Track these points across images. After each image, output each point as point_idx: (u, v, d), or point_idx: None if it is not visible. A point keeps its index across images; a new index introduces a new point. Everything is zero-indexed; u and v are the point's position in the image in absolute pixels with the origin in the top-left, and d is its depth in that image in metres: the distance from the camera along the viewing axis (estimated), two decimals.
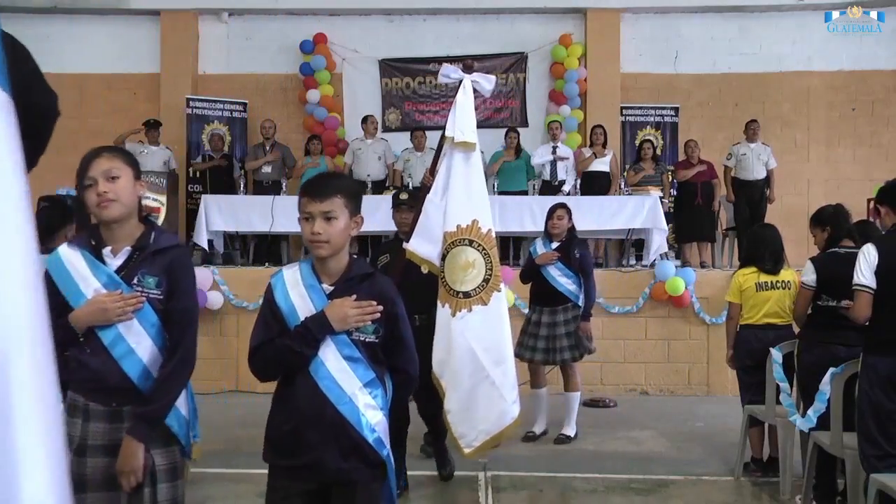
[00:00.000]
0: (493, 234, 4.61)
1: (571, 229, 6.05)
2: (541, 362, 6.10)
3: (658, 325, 8.18)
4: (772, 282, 5.18)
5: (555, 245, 6.02)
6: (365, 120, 10.29)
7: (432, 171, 4.81)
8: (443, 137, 4.76)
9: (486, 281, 4.51)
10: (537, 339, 6.01)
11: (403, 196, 5.07)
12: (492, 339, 4.53)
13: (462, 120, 4.80)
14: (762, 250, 5.25)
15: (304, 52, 11.38)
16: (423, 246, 4.54)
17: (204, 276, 8.24)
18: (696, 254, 9.41)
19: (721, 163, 9.70)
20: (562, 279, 5.92)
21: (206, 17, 11.57)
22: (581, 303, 5.94)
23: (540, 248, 6.10)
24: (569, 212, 6.05)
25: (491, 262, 4.54)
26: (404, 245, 4.60)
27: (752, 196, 9.51)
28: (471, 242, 4.53)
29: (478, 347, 4.47)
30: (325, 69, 11.36)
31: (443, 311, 4.53)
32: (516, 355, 5.41)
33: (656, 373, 8.17)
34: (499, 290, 4.57)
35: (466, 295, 4.49)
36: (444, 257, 4.52)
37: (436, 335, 4.53)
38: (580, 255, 5.89)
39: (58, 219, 4.60)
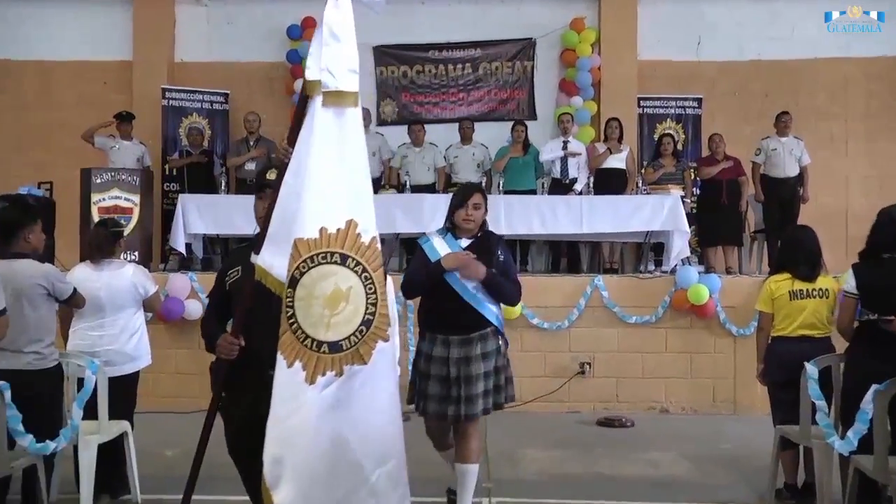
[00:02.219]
0: (379, 246, 3.24)
1: (484, 222, 4.61)
2: (451, 419, 4.50)
3: (679, 337, 8.15)
4: (807, 290, 5.15)
5: (465, 243, 4.53)
6: None
7: (291, 138, 3.30)
8: (304, 88, 3.27)
9: (365, 325, 3.14)
10: (441, 383, 4.47)
11: (272, 175, 3.61)
12: (375, 423, 3.17)
13: (334, 55, 3.27)
14: (796, 255, 5.22)
15: (292, 37, 11.36)
16: (280, 259, 3.12)
17: (181, 283, 8.21)
18: (722, 259, 9.37)
19: (749, 159, 9.66)
20: (478, 292, 4.43)
21: None
22: (503, 327, 4.62)
23: (441, 246, 4.52)
24: (485, 198, 4.61)
25: (375, 292, 3.17)
26: (252, 258, 3.27)
27: (783, 195, 9.48)
28: (344, 259, 3.10)
29: (352, 437, 3.09)
30: None
31: (288, 374, 3.02)
32: (421, 409, 4.52)
33: (678, 389, 8.14)
34: (386, 339, 3.20)
35: (335, 348, 3.08)
36: (293, 282, 3.05)
37: (272, 414, 3.02)
38: (504, 257, 4.54)
39: (18, 219, 4.57)
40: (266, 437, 3.00)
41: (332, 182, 3.11)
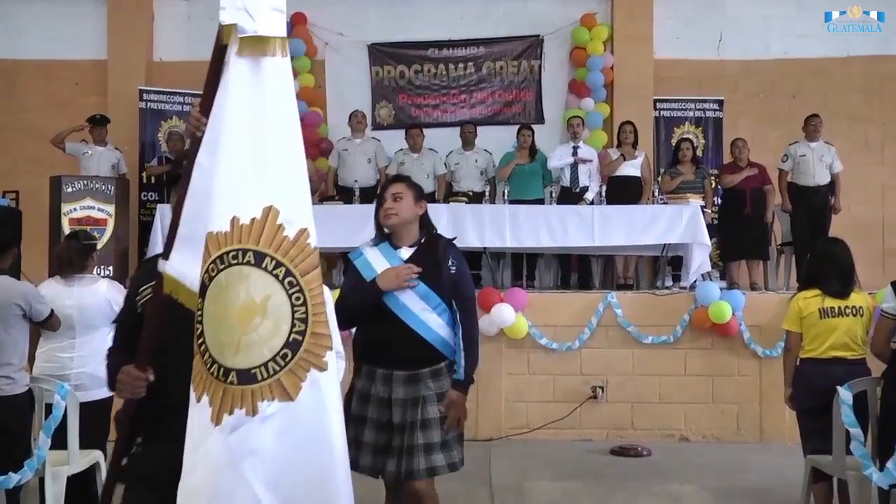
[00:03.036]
0: (312, 244, 2.59)
1: (429, 225, 4.09)
2: (390, 476, 3.90)
3: (700, 359, 8.12)
4: (840, 307, 5.13)
5: (406, 254, 3.98)
6: (352, 116, 10.29)
7: (204, 105, 2.78)
8: (219, 36, 2.86)
9: (291, 347, 2.51)
10: (380, 430, 3.90)
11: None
12: (305, 484, 2.51)
13: None
14: (827, 269, 5.20)
15: None
16: (194, 266, 2.59)
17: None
18: (746, 274, 9.36)
19: (775, 166, 9.66)
20: (427, 315, 3.87)
21: None
22: (460, 359, 3.95)
23: (377, 260, 3.97)
24: (415, 189, 4.05)
25: (305, 304, 2.54)
26: (159, 265, 2.72)
27: (812, 205, 9.47)
28: (259, 259, 2.51)
29: (270, 498, 2.46)
30: (305, 56, 11.37)
31: (196, 411, 2.49)
32: (351, 463, 2.87)
33: (698, 415, 8.10)
34: (322, 368, 2.54)
35: (245, 378, 2.47)
36: (203, 290, 2.53)
37: (185, 461, 2.49)
38: (455, 266, 3.95)
39: (11, 236, 4.58)
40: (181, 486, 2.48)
41: (249, 157, 2.57)
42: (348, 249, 4.29)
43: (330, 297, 2.93)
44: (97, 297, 5.31)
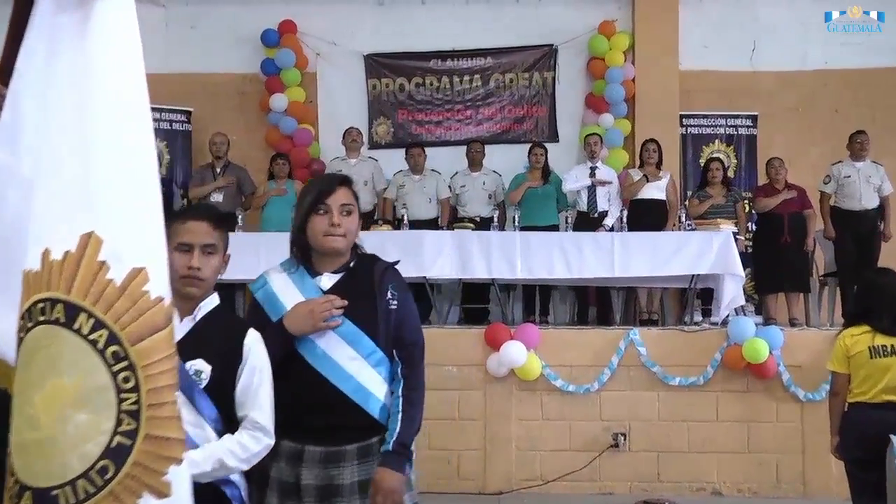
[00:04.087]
0: (155, 295, 1.95)
1: (357, 244, 3.39)
2: None
3: (734, 403, 8.07)
4: (892, 345, 5.11)
5: (328, 281, 3.25)
6: (346, 134, 10.32)
7: (2, 72, 2.26)
8: None
9: (114, 456, 1.88)
10: None
11: None
12: None
13: None
14: (877, 303, 5.18)
15: (267, 44, 11.46)
16: (5, 317, 2.06)
17: None
18: (784, 308, 9.32)
19: (816, 188, 9.65)
20: (356, 366, 3.17)
21: None
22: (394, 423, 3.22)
23: (288, 290, 3.26)
24: (357, 198, 3.35)
25: (137, 388, 1.90)
26: None
27: (859, 231, 9.45)
28: (72, 316, 1.91)
29: None
30: (294, 67, 11.42)
31: None
32: None
33: (732, 466, 8.05)
34: (163, 494, 1.90)
35: (43, 501, 1.86)
36: (18, 356, 1.99)
37: None
38: (397, 300, 3.27)
39: None
40: None
41: (66, 154, 1.91)
42: None
43: (258, 372, 2.85)
44: None
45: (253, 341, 2.92)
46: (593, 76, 11.46)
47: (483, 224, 9.48)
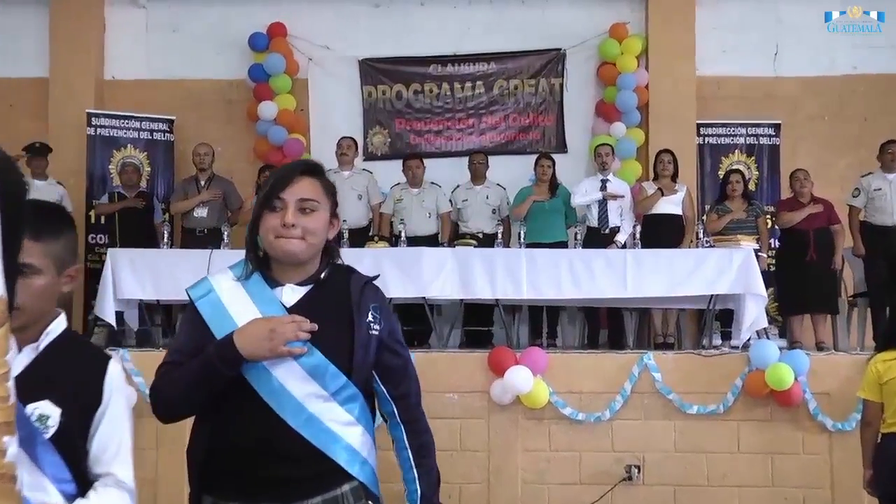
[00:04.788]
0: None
1: (333, 252, 2.94)
2: None
3: (756, 433, 8.06)
4: None
5: (292, 295, 2.82)
6: (339, 144, 10.33)
7: None
8: None
9: None
10: None
11: None
12: None
13: None
14: None
15: (255, 49, 11.50)
16: None
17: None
18: (810, 330, 9.33)
19: (844, 202, 9.68)
20: (321, 406, 2.73)
21: None
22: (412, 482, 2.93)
23: (239, 301, 2.82)
24: (333, 196, 2.91)
25: None
26: None
27: (891, 248, 9.41)
28: None
29: None
30: (284, 74, 11.46)
31: None
32: None
33: (754, 502, 8.02)
34: None
35: None
36: None
37: None
38: (379, 323, 2.84)
39: None
40: None
41: None
42: None
43: (119, 403, 2.51)
44: None
45: (115, 377, 2.50)
46: (604, 82, 11.49)
47: (486, 240, 9.49)
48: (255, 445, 2.67)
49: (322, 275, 2.84)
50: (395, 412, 2.89)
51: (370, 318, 2.80)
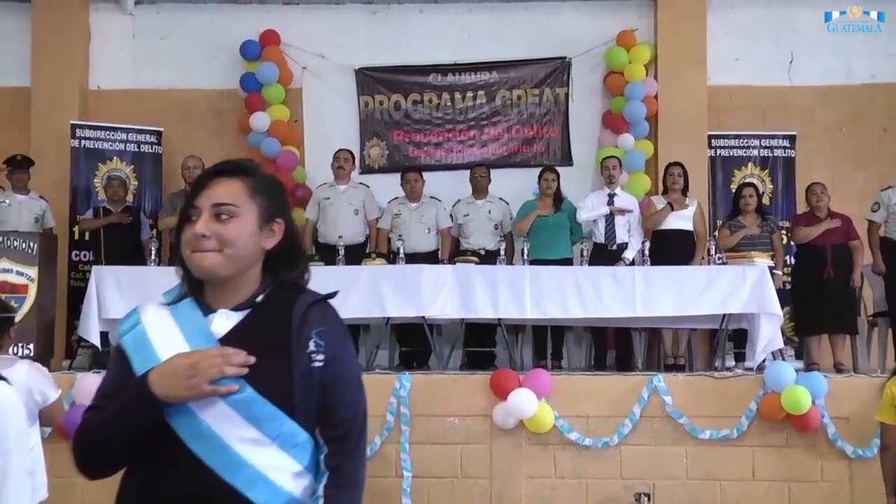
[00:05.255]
0: None
1: (281, 265, 2.59)
2: None
3: (772, 459, 8.05)
4: None
5: (225, 321, 2.50)
6: (335, 157, 10.34)
7: None
8: None
9: None
10: None
11: None
12: None
13: None
14: None
15: (247, 57, 11.51)
16: None
17: (93, 386, 8.13)
18: (828, 351, 9.31)
19: (863, 216, 9.68)
20: (258, 454, 2.41)
21: (101, 5, 11.76)
22: None
23: (165, 330, 2.51)
24: (264, 196, 2.55)
25: None
26: None
27: None
28: None
29: None
30: (277, 83, 11.47)
31: None
32: None
33: None
34: None
35: None
36: None
37: None
38: (324, 353, 2.48)
39: None
40: None
41: None
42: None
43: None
44: (15, 382, 5.27)
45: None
46: (611, 92, 11.49)
47: (488, 257, 9.47)
48: (181, 497, 2.38)
49: (259, 297, 2.50)
50: (325, 457, 2.48)
51: (312, 346, 2.44)
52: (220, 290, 2.49)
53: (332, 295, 2.55)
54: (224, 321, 2.47)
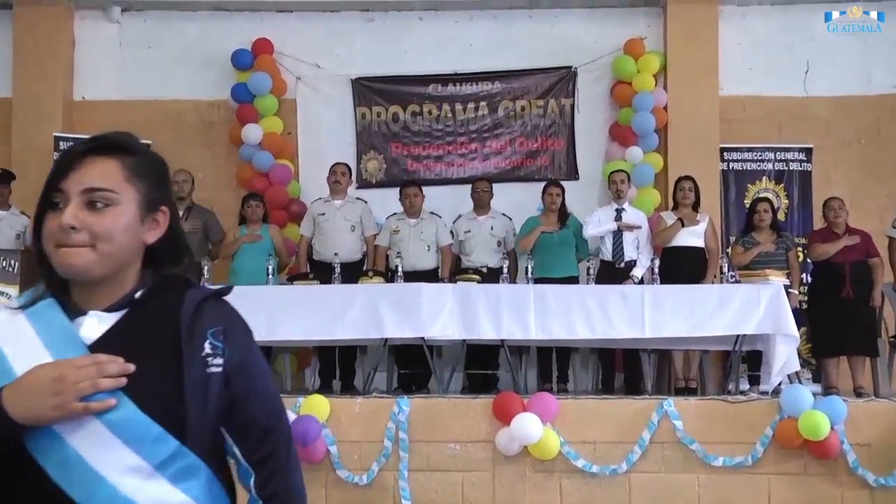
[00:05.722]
0: None
1: (166, 257, 2.24)
2: None
3: (789, 488, 8.02)
4: None
5: (97, 326, 2.12)
6: (331, 171, 10.33)
7: None
8: None
9: None
10: None
11: None
12: None
13: None
14: None
15: (239, 67, 11.53)
16: None
17: None
18: (848, 374, 9.30)
19: (884, 233, 9.71)
20: (134, 481, 2.03)
21: (86, 12, 11.80)
22: None
23: (23, 338, 2.12)
24: (145, 179, 2.19)
25: None
26: None
27: None
28: None
29: None
30: (270, 94, 11.48)
31: None
32: None
33: None
34: None
35: None
36: None
37: None
38: (223, 355, 2.13)
39: None
40: None
41: None
42: (323, 343, 3.71)
43: None
44: None
45: None
46: (619, 103, 11.51)
47: (490, 276, 9.45)
48: None
49: (137, 294, 2.12)
50: (254, 482, 2.18)
51: (208, 349, 2.09)
52: (89, 289, 2.11)
53: (227, 290, 2.25)
54: (96, 325, 2.09)
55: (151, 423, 1.99)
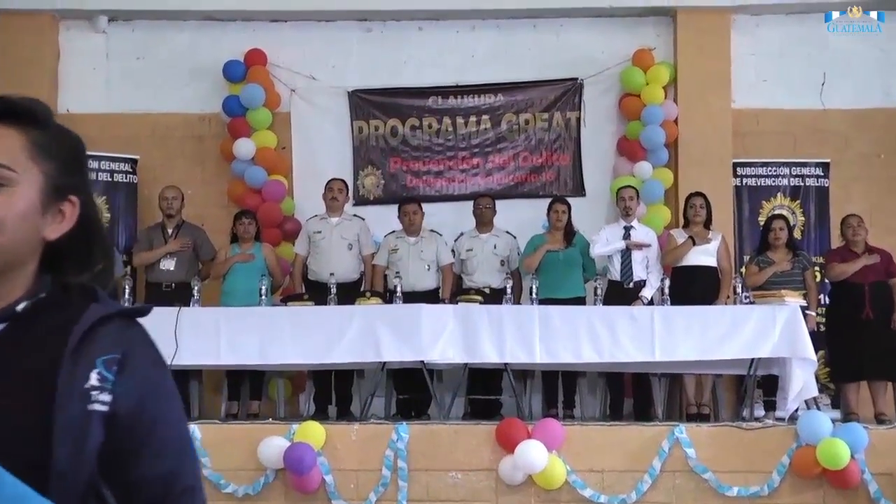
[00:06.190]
0: None
1: (78, 259, 1.77)
2: None
3: None
4: None
5: None
6: (327, 187, 10.35)
7: None
8: None
9: None
10: None
11: None
12: None
13: None
14: None
15: (231, 79, 11.53)
16: None
17: None
18: (868, 400, 9.28)
19: None
20: None
21: (71, 21, 11.80)
22: None
23: None
24: (42, 148, 1.79)
25: None
26: None
27: None
28: None
29: None
30: (264, 107, 11.47)
31: None
32: None
33: None
34: None
35: None
36: None
37: None
38: (111, 390, 1.63)
39: None
40: None
41: None
42: (318, 367, 3.73)
43: None
44: None
45: None
46: (627, 116, 11.50)
47: (493, 296, 9.47)
48: None
49: (20, 306, 1.67)
50: None
51: (94, 380, 1.63)
52: None
53: (142, 311, 1.77)
54: None
55: (4, 474, 1.49)
